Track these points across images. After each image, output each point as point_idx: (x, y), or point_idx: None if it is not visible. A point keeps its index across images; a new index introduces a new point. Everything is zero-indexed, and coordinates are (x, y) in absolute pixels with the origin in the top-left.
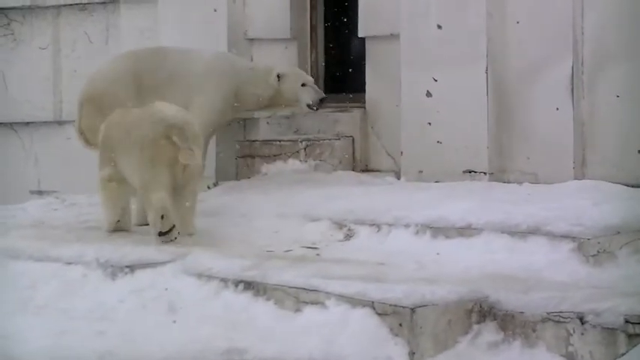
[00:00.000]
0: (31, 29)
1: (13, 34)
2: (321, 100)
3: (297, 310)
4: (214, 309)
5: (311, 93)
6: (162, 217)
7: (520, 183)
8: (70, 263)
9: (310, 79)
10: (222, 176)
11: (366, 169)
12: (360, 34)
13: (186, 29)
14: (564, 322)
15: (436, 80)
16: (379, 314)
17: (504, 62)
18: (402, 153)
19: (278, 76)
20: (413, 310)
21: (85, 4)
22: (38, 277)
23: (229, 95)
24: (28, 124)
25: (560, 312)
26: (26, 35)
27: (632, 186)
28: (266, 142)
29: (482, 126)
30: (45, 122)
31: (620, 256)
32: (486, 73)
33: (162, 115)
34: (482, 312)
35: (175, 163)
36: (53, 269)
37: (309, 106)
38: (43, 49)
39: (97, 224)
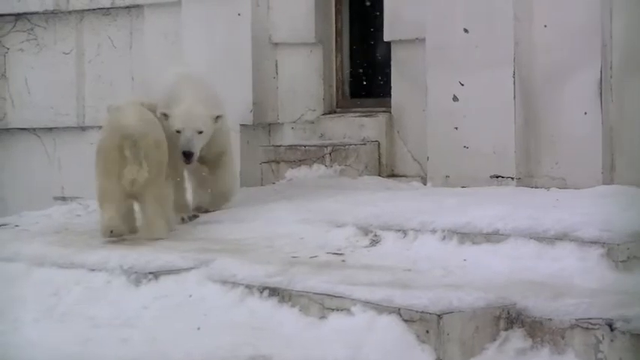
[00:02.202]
0: (54, 34)
1: (36, 39)
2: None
3: (323, 316)
4: (239, 316)
5: None
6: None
7: (548, 188)
8: (93, 270)
9: None
10: (246, 182)
11: (392, 175)
12: (386, 38)
13: (210, 34)
14: (593, 328)
15: (463, 84)
16: (406, 321)
17: (532, 66)
18: (428, 158)
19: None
20: (440, 316)
21: (108, 8)
22: (62, 283)
23: None
24: (51, 129)
25: (589, 318)
26: (49, 40)
27: None
28: (291, 147)
29: (510, 130)
30: (68, 128)
31: None
32: (513, 77)
33: (119, 124)
34: (509, 319)
35: (123, 176)
36: (77, 276)
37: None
38: (67, 54)
39: None
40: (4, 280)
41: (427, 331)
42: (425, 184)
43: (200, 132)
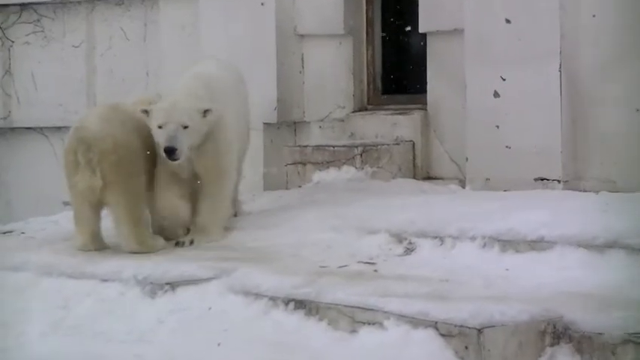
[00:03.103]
0: (63, 26)
1: (43, 31)
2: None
3: (353, 331)
4: (262, 330)
5: None
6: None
7: (597, 191)
8: (106, 280)
9: None
10: (270, 185)
11: (428, 177)
12: (421, 30)
13: (231, 25)
14: None
15: (504, 79)
16: (443, 335)
17: (579, 59)
18: (467, 159)
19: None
20: (480, 331)
21: None
22: (71, 295)
23: None
24: (59, 128)
25: None
26: (58, 32)
27: None
28: (318, 147)
29: (556, 129)
30: None
31: None
32: (560, 71)
33: (79, 125)
34: (556, 333)
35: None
36: (88, 287)
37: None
38: (76, 47)
39: None
40: (9, 292)
41: (466, 347)
42: (463, 187)
43: (185, 127)
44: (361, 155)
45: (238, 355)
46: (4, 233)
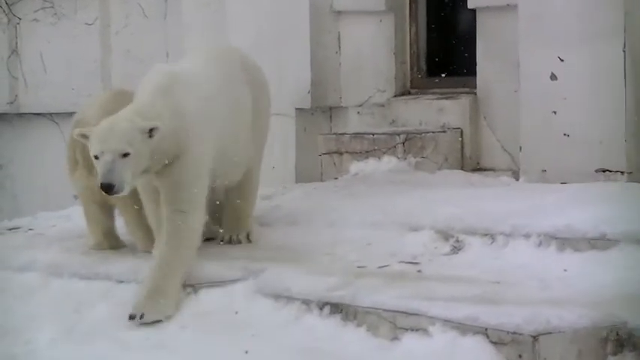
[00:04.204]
0: (75, 1)
1: (53, 7)
2: None
3: (395, 338)
4: (294, 337)
5: None
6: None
7: None
8: (121, 282)
9: None
10: (303, 176)
11: (478, 168)
12: (470, 5)
13: (260, 1)
14: None
15: (562, 60)
16: (494, 343)
17: None
18: (520, 148)
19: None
20: (535, 338)
21: None
22: (84, 298)
23: None
24: (71, 114)
25: None
26: (69, 9)
27: None
28: (356, 135)
29: (620, 115)
30: None
31: None
32: (624, 50)
33: (79, 117)
34: (619, 341)
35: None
36: (102, 288)
37: None
38: (89, 24)
39: None
40: (16, 294)
41: (520, 356)
42: (517, 179)
43: (125, 154)
44: (403, 144)
45: None
46: (11, 230)
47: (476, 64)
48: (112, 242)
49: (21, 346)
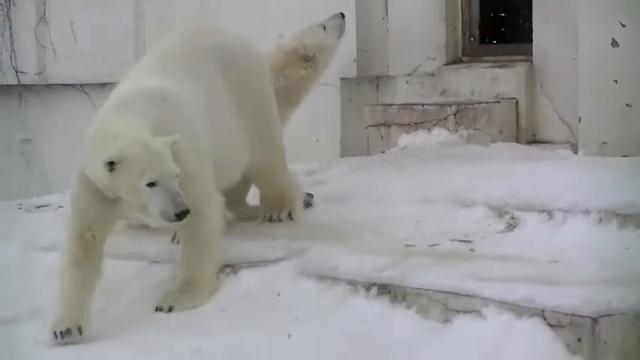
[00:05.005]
0: None
1: None
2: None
3: (446, 320)
4: (340, 320)
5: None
6: None
7: None
8: (156, 262)
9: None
10: (348, 150)
11: (534, 141)
12: None
13: None
14: None
15: (624, 25)
16: (551, 326)
17: None
18: (579, 119)
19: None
20: (595, 320)
21: None
22: (117, 279)
23: None
24: (102, 85)
25: None
26: None
27: None
28: (405, 106)
29: None
30: None
31: None
32: None
33: None
34: None
35: None
36: (136, 269)
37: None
38: None
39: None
40: (43, 275)
41: (579, 339)
42: (576, 152)
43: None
44: (455, 115)
45: (311, 348)
46: (39, 207)
47: (532, 30)
48: None
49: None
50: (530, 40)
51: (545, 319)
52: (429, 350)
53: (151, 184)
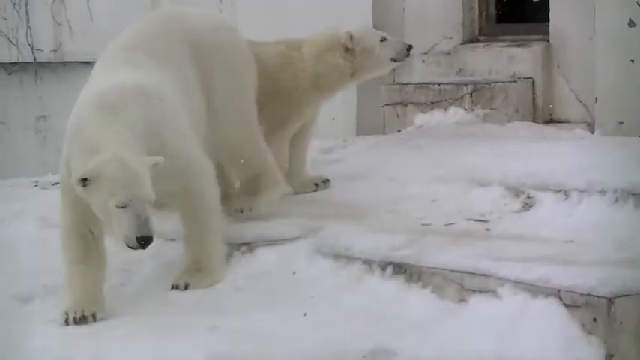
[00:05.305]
0: None
1: None
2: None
3: (462, 299)
4: (356, 299)
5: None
6: None
7: None
8: (173, 239)
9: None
10: (364, 129)
11: (550, 120)
12: None
13: None
14: None
15: None
16: (567, 306)
17: None
18: (596, 99)
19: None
20: (611, 300)
21: None
22: (132, 257)
23: None
24: None
25: None
26: None
27: None
28: (421, 85)
29: None
30: None
31: None
32: None
33: None
34: None
35: None
36: (151, 248)
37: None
38: None
39: None
40: (58, 252)
41: (594, 319)
42: (592, 132)
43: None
44: (471, 95)
45: (327, 327)
46: (55, 184)
47: (549, 10)
48: None
49: None
50: (547, 20)
51: (560, 298)
52: (445, 329)
53: (121, 206)
